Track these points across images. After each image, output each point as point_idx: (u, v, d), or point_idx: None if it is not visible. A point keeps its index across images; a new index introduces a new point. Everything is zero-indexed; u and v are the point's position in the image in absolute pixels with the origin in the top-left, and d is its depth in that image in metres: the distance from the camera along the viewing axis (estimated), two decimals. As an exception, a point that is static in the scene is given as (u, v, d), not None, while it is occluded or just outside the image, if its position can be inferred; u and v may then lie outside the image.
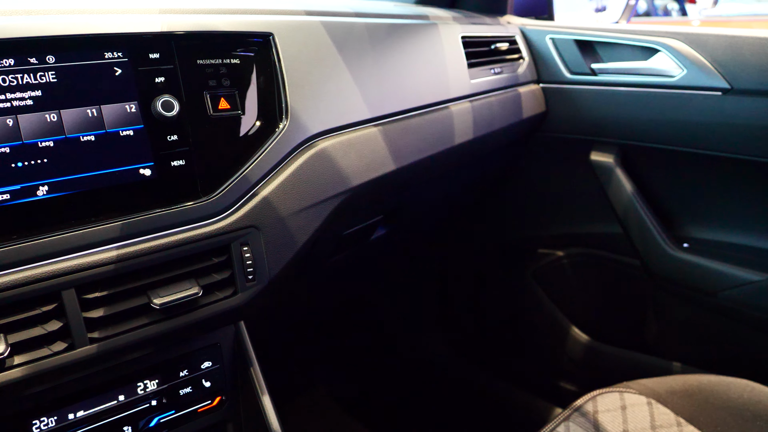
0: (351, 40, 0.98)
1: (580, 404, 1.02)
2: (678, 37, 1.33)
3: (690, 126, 1.31)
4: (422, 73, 1.13)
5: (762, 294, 1.28)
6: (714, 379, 1.05)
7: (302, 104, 0.86)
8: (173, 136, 0.73)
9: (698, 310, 1.45)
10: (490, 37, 1.40)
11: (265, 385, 0.86)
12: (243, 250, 0.78)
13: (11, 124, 0.61)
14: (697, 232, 1.47)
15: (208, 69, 0.77)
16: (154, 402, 0.80)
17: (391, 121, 1.02)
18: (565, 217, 1.68)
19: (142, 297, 0.71)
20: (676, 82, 1.31)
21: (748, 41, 1.22)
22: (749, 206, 1.37)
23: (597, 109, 1.45)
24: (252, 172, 0.79)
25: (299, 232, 0.85)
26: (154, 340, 0.73)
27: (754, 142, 1.23)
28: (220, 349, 0.87)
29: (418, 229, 1.59)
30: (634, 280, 1.57)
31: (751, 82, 1.21)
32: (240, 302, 0.79)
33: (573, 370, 1.77)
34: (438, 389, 2.01)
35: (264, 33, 0.84)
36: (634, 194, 1.43)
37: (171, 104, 0.71)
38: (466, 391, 1.97)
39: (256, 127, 0.81)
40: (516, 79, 1.43)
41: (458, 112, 1.19)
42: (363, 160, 0.94)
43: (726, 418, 0.95)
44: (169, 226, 0.72)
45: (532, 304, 1.83)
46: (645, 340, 1.61)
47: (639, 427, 0.95)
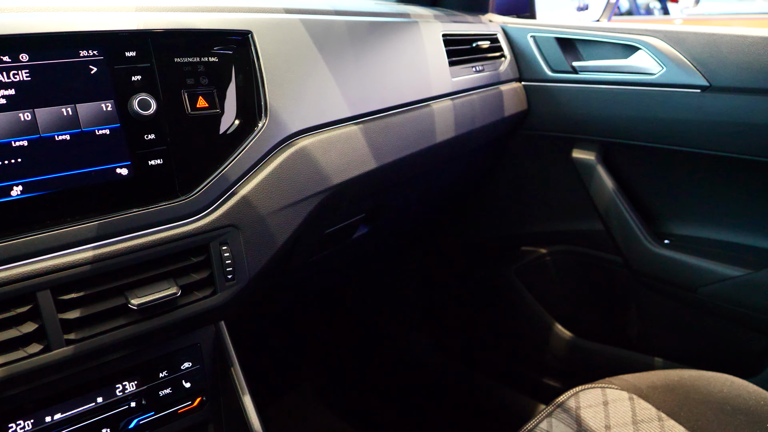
0: (331, 38, 0.98)
1: (562, 400, 1.02)
2: (657, 35, 1.34)
3: (670, 123, 1.32)
4: (403, 71, 1.13)
5: (741, 289, 1.29)
6: (695, 374, 1.06)
7: (281, 102, 0.85)
8: (150, 135, 0.72)
9: (679, 306, 1.46)
10: (471, 35, 1.40)
11: (246, 385, 0.86)
12: (222, 250, 0.77)
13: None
14: (678, 228, 1.48)
15: (185, 67, 0.76)
16: (133, 403, 0.80)
17: (371, 120, 1.02)
18: (547, 215, 1.69)
19: (119, 297, 0.70)
20: (655, 79, 1.32)
21: (726, 39, 1.23)
22: (729, 203, 1.38)
23: (578, 106, 1.45)
24: (231, 171, 0.78)
25: (279, 231, 0.84)
26: (133, 341, 0.72)
27: (732, 138, 1.25)
28: (200, 350, 0.86)
29: (400, 228, 1.59)
30: (617, 276, 1.58)
31: (729, 80, 1.22)
32: (219, 302, 0.78)
33: (556, 366, 1.78)
34: (422, 387, 2.01)
35: (242, 31, 0.83)
36: (615, 191, 1.44)
37: (148, 103, 0.71)
38: (450, 389, 1.98)
39: (235, 125, 0.80)
40: (498, 77, 1.44)
41: (439, 110, 1.19)
42: (343, 158, 0.94)
43: (706, 412, 0.96)
44: (147, 226, 0.71)
45: (515, 301, 1.83)
46: (627, 336, 1.62)
47: (621, 422, 0.96)
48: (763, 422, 0.93)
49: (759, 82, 1.18)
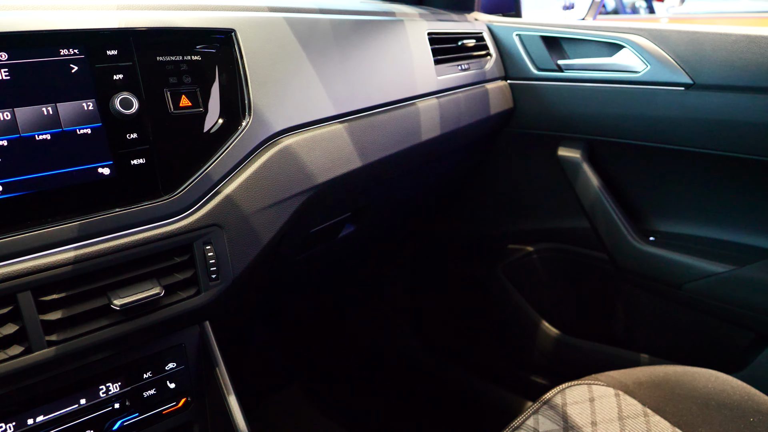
0: (315, 36, 0.98)
1: (549, 397, 1.03)
2: (642, 34, 1.34)
3: (654, 121, 1.33)
4: (388, 69, 1.12)
5: (725, 285, 1.30)
6: (680, 370, 1.06)
7: (266, 101, 0.85)
8: (133, 134, 0.72)
9: (664, 302, 1.47)
10: (457, 33, 1.40)
11: (232, 386, 0.85)
12: (206, 249, 0.77)
13: (-38, 124, 0.60)
14: (663, 225, 1.49)
15: (168, 66, 0.75)
16: (117, 405, 0.79)
17: (356, 118, 1.02)
18: (534, 213, 1.69)
19: (101, 298, 0.70)
20: (640, 77, 1.33)
21: (709, 37, 1.24)
22: (713, 199, 1.39)
23: (563, 104, 1.46)
24: (214, 170, 0.78)
25: (263, 230, 0.84)
26: (116, 342, 0.72)
27: (716, 136, 1.25)
28: (185, 350, 0.86)
29: (387, 226, 1.59)
30: (603, 273, 1.59)
31: (712, 77, 1.23)
32: (203, 302, 0.78)
33: (544, 363, 1.79)
34: (411, 386, 2.01)
35: (226, 29, 0.83)
36: (600, 189, 1.45)
37: (130, 102, 0.70)
38: (438, 387, 1.98)
39: (219, 124, 0.80)
40: (483, 76, 1.44)
41: (425, 108, 1.19)
42: (328, 157, 0.94)
43: (692, 407, 0.96)
44: (129, 226, 0.71)
45: (502, 299, 1.84)
46: (614, 333, 1.63)
47: (607, 418, 0.96)
48: (747, 416, 0.94)
49: (742, 79, 1.19)
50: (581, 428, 0.95)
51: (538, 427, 0.96)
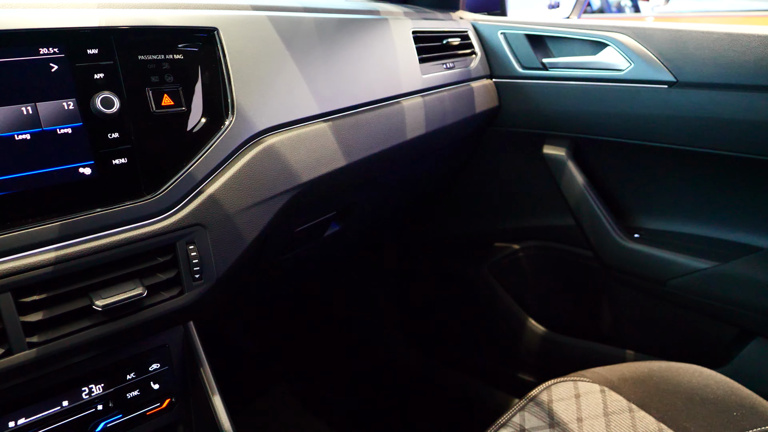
0: (299, 35, 0.98)
1: (535, 394, 1.03)
2: (625, 32, 1.35)
3: (638, 119, 1.34)
4: (373, 68, 1.12)
5: (709, 281, 1.31)
6: (664, 366, 1.07)
7: (249, 100, 0.85)
8: (114, 134, 0.71)
9: (649, 299, 1.48)
10: (441, 32, 1.40)
11: (216, 386, 0.85)
12: (189, 249, 0.77)
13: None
14: (648, 222, 1.50)
15: (150, 65, 0.75)
16: (100, 406, 0.79)
17: (341, 117, 1.02)
18: (520, 211, 1.70)
19: (83, 299, 0.69)
20: (624, 75, 1.34)
21: (692, 35, 1.25)
22: (697, 196, 1.40)
23: (548, 103, 1.46)
24: (197, 169, 0.77)
25: (247, 229, 0.83)
26: (98, 343, 0.71)
27: (699, 133, 1.26)
28: (169, 350, 0.85)
29: (373, 225, 1.59)
30: (588, 271, 1.60)
31: (695, 75, 1.24)
32: (187, 302, 0.77)
33: (530, 361, 1.79)
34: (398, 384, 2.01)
35: (208, 28, 0.82)
36: (585, 186, 1.46)
37: (111, 101, 0.69)
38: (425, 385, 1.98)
39: (201, 123, 0.79)
40: (468, 74, 1.44)
41: (410, 107, 1.19)
42: (312, 155, 0.94)
43: (676, 402, 0.97)
44: (111, 226, 0.70)
45: (489, 297, 1.84)
46: (600, 330, 1.64)
47: (592, 414, 0.97)
48: (731, 411, 0.94)
49: (724, 77, 1.20)
50: (567, 424, 0.96)
51: (524, 424, 0.97)
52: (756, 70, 1.16)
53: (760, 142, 1.19)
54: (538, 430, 0.95)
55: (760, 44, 1.15)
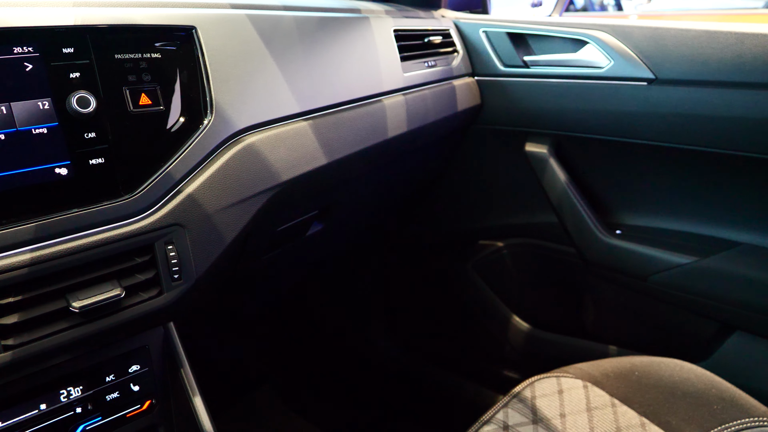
0: (279, 33, 0.97)
1: (518, 391, 1.04)
2: (605, 29, 1.36)
3: (618, 116, 1.34)
4: (354, 66, 1.12)
5: (689, 276, 1.32)
6: (646, 360, 1.08)
7: (228, 99, 0.84)
8: (91, 134, 0.70)
9: (631, 294, 1.49)
10: (423, 30, 1.40)
11: (197, 387, 0.85)
12: (167, 249, 0.76)
13: None
14: (629, 218, 1.51)
15: (127, 64, 0.74)
16: (78, 409, 0.78)
17: (322, 115, 1.01)
18: (503, 209, 1.70)
19: (60, 300, 0.68)
20: (604, 73, 1.34)
21: (671, 32, 1.25)
22: (677, 192, 1.41)
23: (530, 100, 1.47)
24: (175, 168, 0.77)
25: (227, 229, 0.83)
26: (76, 345, 0.71)
27: (678, 130, 1.27)
28: (149, 352, 0.85)
29: (356, 224, 1.59)
30: (571, 267, 1.60)
31: (673, 72, 1.25)
32: (166, 302, 0.77)
33: (515, 357, 1.80)
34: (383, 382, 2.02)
35: (186, 26, 0.82)
36: (567, 183, 1.46)
37: (87, 100, 0.69)
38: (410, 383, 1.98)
39: (180, 123, 0.79)
40: (450, 72, 1.44)
41: (391, 105, 1.19)
42: (293, 154, 0.93)
43: (657, 396, 0.98)
44: (88, 227, 0.69)
45: (473, 295, 1.85)
46: (583, 326, 1.65)
47: (575, 409, 0.97)
48: (711, 404, 0.95)
49: (702, 74, 1.21)
50: (550, 420, 0.96)
51: (508, 421, 0.97)
52: (733, 67, 1.17)
53: (738, 138, 1.20)
54: (521, 427, 0.96)
55: (737, 41, 1.16)
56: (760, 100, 1.15)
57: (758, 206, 1.31)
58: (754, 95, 1.16)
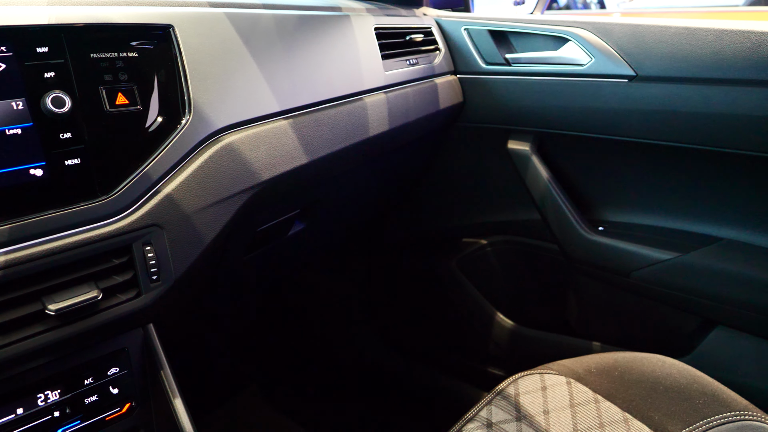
0: (258, 32, 0.97)
1: (502, 388, 1.04)
2: (586, 27, 1.36)
3: (600, 113, 1.35)
4: (334, 65, 1.12)
5: (671, 272, 1.33)
6: (629, 356, 1.08)
7: (206, 98, 0.84)
8: (66, 134, 0.69)
9: (614, 291, 1.50)
10: (405, 28, 1.40)
11: (178, 389, 0.84)
12: (145, 250, 0.75)
13: None
14: (612, 215, 1.52)
15: (103, 63, 0.73)
16: (57, 413, 0.77)
17: (302, 114, 1.01)
18: (486, 206, 1.70)
19: (35, 303, 0.67)
20: (585, 70, 1.35)
21: (651, 29, 1.26)
22: (659, 189, 1.42)
23: (512, 98, 1.47)
24: (153, 169, 0.76)
25: (206, 229, 0.82)
26: (53, 348, 0.70)
27: (659, 126, 1.28)
28: (128, 354, 0.84)
29: (339, 223, 1.59)
30: (555, 264, 1.61)
31: (654, 69, 1.25)
32: (144, 304, 0.76)
33: (499, 355, 1.81)
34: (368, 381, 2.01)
35: (163, 25, 0.81)
36: (550, 181, 1.47)
37: (62, 100, 0.68)
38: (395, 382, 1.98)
39: (158, 122, 0.78)
40: (432, 70, 1.44)
41: (372, 103, 1.19)
42: (273, 153, 0.93)
43: (640, 392, 0.98)
44: (64, 228, 0.68)
45: (457, 293, 1.85)
46: (567, 322, 1.66)
47: (559, 405, 0.98)
48: (693, 399, 0.96)
49: (682, 71, 1.22)
50: (533, 417, 0.96)
51: (491, 418, 0.97)
52: (712, 63, 1.18)
53: (718, 134, 1.21)
54: (505, 424, 0.96)
55: (716, 38, 1.17)
56: (739, 97, 1.16)
57: (739, 202, 1.32)
58: (733, 91, 1.17)
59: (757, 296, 1.25)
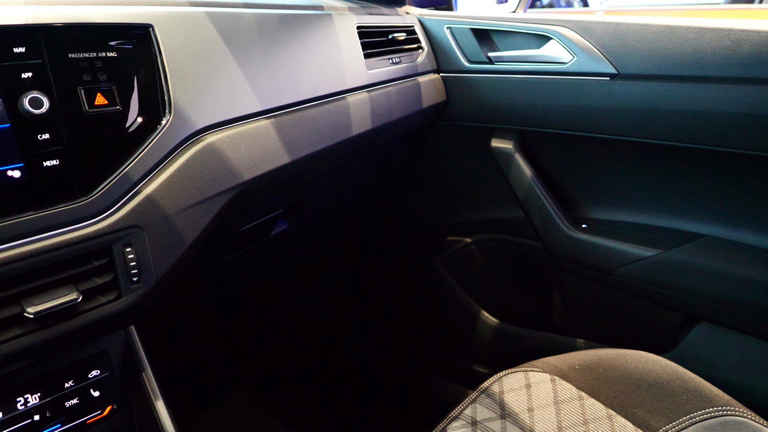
0: (239, 31, 0.96)
1: (486, 386, 1.04)
2: (568, 25, 1.37)
3: (582, 111, 1.36)
4: (316, 64, 1.11)
5: (653, 269, 1.34)
6: (612, 353, 1.09)
7: (187, 98, 0.83)
8: (44, 135, 0.68)
9: (598, 288, 1.50)
10: (387, 27, 1.40)
11: (160, 391, 0.83)
12: (126, 252, 0.75)
13: None
14: (595, 212, 1.53)
15: (81, 63, 0.72)
16: (37, 417, 0.76)
17: (283, 114, 1.00)
18: (470, 205, 1.71)
19: (14, 306, 0.66)
20: (567, 68, 1.35)
21: (632, 28, 1.27)
22: (641, 186, 1.43)
23: (495, 96, 1.47)
24: (133, 169, 0.75)
25: (187, 230, 0.82)
26: (32, 351, 0.69)
27: (640, 124, 1.29)
28: (110, 356, 0.83)
29: (323, 222, 1.58)
30: (539, 262, 1.62)
31: (635, 67, 1.26)
32: (125, 306, 0.75)
33: (484, 353, 1.81)
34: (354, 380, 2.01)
35: (142, 25, 0.80)
36: (533, 179, 1.47)
37: (40, 101, 0.67)
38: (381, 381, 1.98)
39: (137, 123, 0.77)
40: (415, 69, 1.44)
41: (355, 102, 1.19)
42: (254, 153, 0.92)
43: (624, 388, 0.99)
44: (43, 230, 0.68)
45: (442, 291, 1.85)
46: (551, 320, 1.66)
47: (543, 403, 0.98)
48: (676, 395, 0.96)
49: (663, 68, 1.23)
50: (518, 415, 0.96)
51: (476, 416, 0.97)
52: (693, 61, 1.19)
53: (698, 131, 1.22)
54: (490, 422, 0.96)
55: (697, 36, 1.18)
56: (719, 94, 1.17)
57: (720, 198, 1.33)
58: (713, 89, 1.18)
59: (739, 292, 1.26)
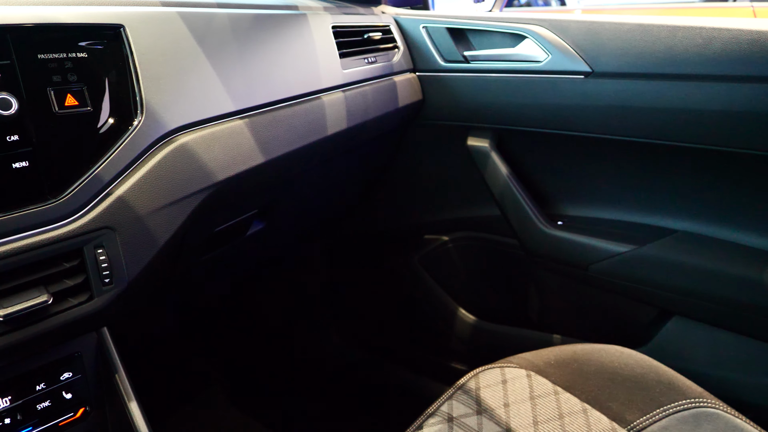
0: (212, 31, 0.96)
1: (463, 382, 1.04)
2: (543, 24, 1.38)
3: (557, 109, 1.37)
4: (291, 64, 1.11)
5: (628, 264, 1.36)
6: (587, 348, 1.10)
7: (159, 98, 0.82)
8: (13, 137, 0.68)
9: (573, 284, 1.52)
10: (363, 26, 1.40)
11: (133, 391, 0.83)
12: (97, 253, 0.74)
13: None
14: (571, 209, 1.54)
15: (51, 64, 0.72)
16: (8, 420, 0.75)
17: (258, 114, 1.00)
18: (447, 203, 1.72)
19: None
20: (542, 67, 1.37)
21: (606, 26, 1.28)
22: (615, 183, 1.44)
23: (471, 95, 1.48)
24: (105, 170, 0.75)
25: (160, 230, 0.81)
26: (1, 354, 0.68)
27: (615, 122, 1.30)
28: (82, 358, 0.83)
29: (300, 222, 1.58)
30: (515, 259, 1.63)
31: (609, 66, 1.27)
32: (97, 307, 0.75)
33: (461, 349, 1.82)
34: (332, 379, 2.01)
35: (113, 25, 0.80)
36: (509, 177, 1.48)
37: (8, 102, 0.66)
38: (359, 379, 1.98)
39: (109, 123, 0.77)
40: (391, 68, 1.45)
41: (330, 102, 1.19)
42: (228, 153, 0.92)
43: (599, 383, 1.00)
44: (12, 232, 0.67)
45: (420, 289, 1.86)
46: (527, 316, 1.68)
47: (519, 398, 0.99)
48: (650, 388, 0.98)
49: (636, 67, 1.24)
50: (494, 410, 0.97)
51: (452, 412, 0.98)
52: (665, 59, 1.20)
53: (671, 129, 1.24)
54: (466, 418, 0.97)
55: (669, 34, 1.19)
56: (691, 92, 1.19)
57: (693, 194, 1.35)
58: (685, 86, 1.19)
59: (711, 286, 1.28)
